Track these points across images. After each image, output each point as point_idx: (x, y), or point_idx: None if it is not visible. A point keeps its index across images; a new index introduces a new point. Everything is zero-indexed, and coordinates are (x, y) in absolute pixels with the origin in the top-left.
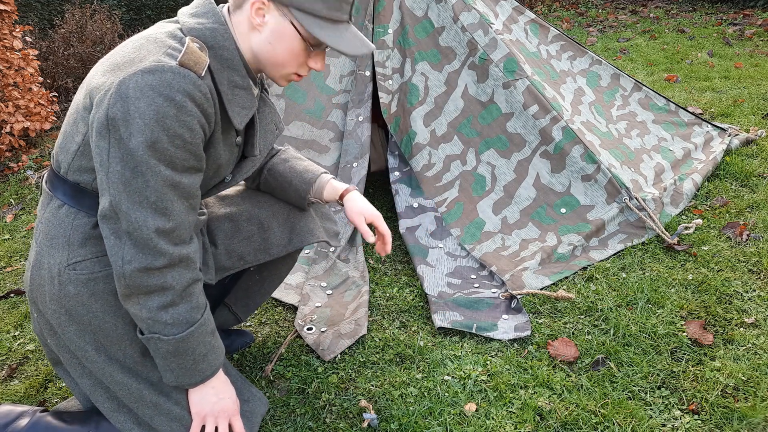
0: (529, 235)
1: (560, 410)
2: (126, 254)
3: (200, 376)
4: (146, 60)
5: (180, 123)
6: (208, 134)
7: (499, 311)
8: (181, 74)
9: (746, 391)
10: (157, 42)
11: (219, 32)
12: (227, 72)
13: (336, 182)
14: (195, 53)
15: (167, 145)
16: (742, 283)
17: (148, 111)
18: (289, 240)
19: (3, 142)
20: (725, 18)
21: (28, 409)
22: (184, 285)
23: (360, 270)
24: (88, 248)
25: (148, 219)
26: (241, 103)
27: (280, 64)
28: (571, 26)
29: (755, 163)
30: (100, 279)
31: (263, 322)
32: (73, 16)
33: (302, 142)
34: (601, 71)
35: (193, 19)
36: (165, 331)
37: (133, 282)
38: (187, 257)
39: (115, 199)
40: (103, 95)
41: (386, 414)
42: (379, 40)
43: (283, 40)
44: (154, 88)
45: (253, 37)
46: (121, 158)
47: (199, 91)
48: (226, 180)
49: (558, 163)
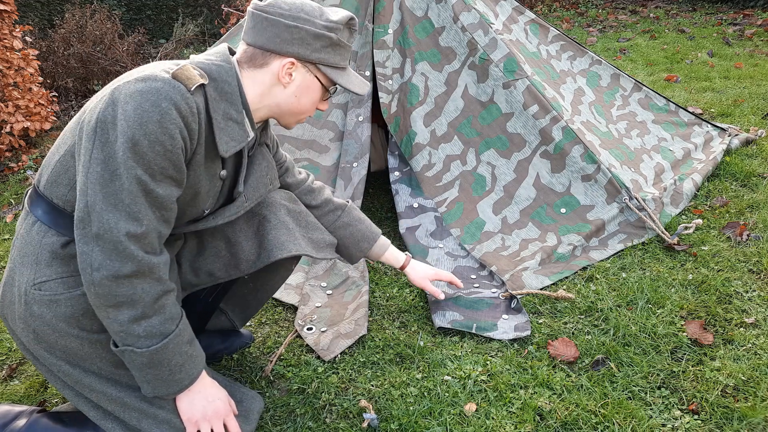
0: (529, 235)
1: (560, 410)
2: (94, 260)
3: (178, 386)
4: (143, 72)
5: (162, 129)
6: (190, 150)
7: (499, 311)
8: (171, 84)
9: (746, 391)
10: (159, 65)
11: (224, 69)
12: (224, 104)
13: (394, 251)
14: (189, 71)
15: (147, 150)
16: (742, 283)
17: (133, 114)
18: (257, 256)
19: (3, 142)
20: (725, 18)
21: (26, 408)
22: (153, 297)
23: (360, 270)
24: (54, 268)
25: (120, 222)
26: (231, 135)
27: (300, 112)
28: (571, 26)
29: (755, 163)
30: (62, 302)
31: (263, 322)
32: (73, 16)
33: (302, 142)
34: (601, 71)
35: (203, 56)
36: (138, 344)
37: (102, 291)
38: (156, 267)
39: (91, 199)
40: (98, 102)
41: (386, 414)
42: (379, 40)
43: (309, 93)
44: (143, 93)
45: (275, 91)
46: (103, 160)
47: (186, 104)
48: (204, 213)
49: (558, 163)
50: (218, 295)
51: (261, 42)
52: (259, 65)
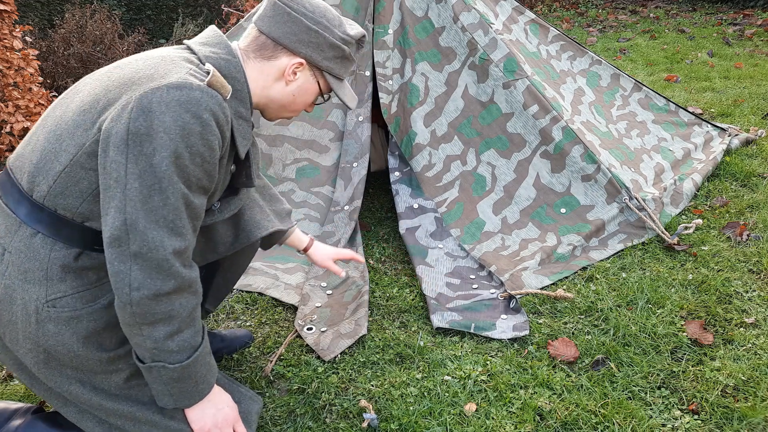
0: (529, 235)
1: (560, 410)
2: (133, 280)
3: (199, 396)
4: (169, 76)
5: (203, 141)
6: (220, 157)
7: (498, 311)
8: (210, 94)
9: (746, 391)
10: (175, 62)
11: (233, 64)
12: (236, 102)
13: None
14: (221, 78)
15: (188, 162)
16: (742, 283)
17: (174, 126)
18: (235, 237)
19: (3, 142)
20: (725, 18)
21: (22, 406)
22: (189, 311)
23: (360, 270)
24: (69, 283)
25: (164, 239)
26: (243, 134)
27: (291, 110)
28: (571, 26)
29: (755, 163)
30: (84, 317)
31: (263, 322)
32: (73, 16)
33: (302, 142)
34: (601, 71)
35: (206, 48)
36: (171, 359)
37: (140, 310)
38: (195, 281)
39: (132, 216)
40: (121, 109)
41: (386, 414)
42: (379, 41)
43: (306, 95)
44: (182, 103)
45: (276, 86)
46: (140, 174)
47: (223, 113)
48: (214, 208)
49: (558, 163)
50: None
51: (277, 34)
52: (267, 57)
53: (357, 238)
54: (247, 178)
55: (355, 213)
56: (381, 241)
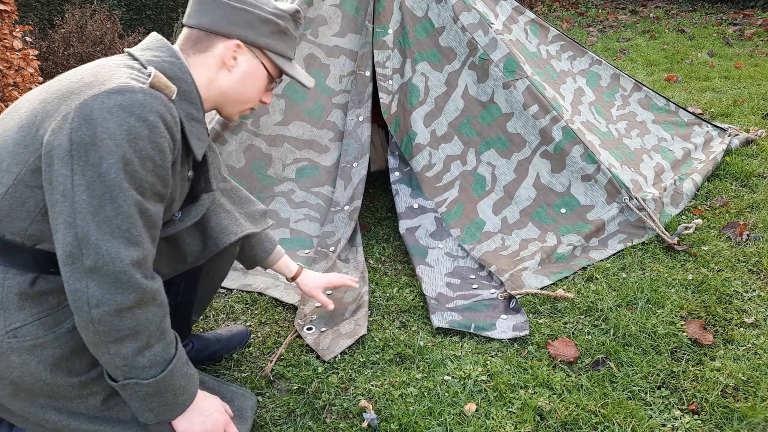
0: (529, 235)
1: (560, 410)
2: (92, 297)
3: (181, 408)
4: (109, 82)
5: (152, 144)
6: (172, 161)
7: (498, 311)
8: (153, 95)
9: (746, 391)
10: (114, 69)
11: (177, 66)
12: (185, 104)
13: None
14: (163, 79)
15: (138, 168)
16: (742, 283)
17: (119, 131)
18: (203, 246)
19: None
20: (725, 18)
21: None
22: (157, 324)
23: (360, 270)
24: (28, 310)
25: (120, 250)
26: (198, 136)
27: (245, 101)
28: (571, 26)
29: (755, 163)
30: (48, 344)
31: (263, 322)
32: (73, 16)
33: (302, 142)
34: (601, 71)
35: (148, 53)
36: (143, 375)
37: (103, 327)
38: (157, 292)
39: (83, 230)
40: (62, 120)
41: (386, 414)
42: (379, 41)
43: (254, 79)
44: (125, 107)
45: (221, 77)
46: (88, 185)
47: (171, 114)
48: (174, 218)
49: (558, 163)
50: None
51: (206, 23)
52: (203, 49)
53: (357, 238)
54: (206, 183)
55: (355, 213)
56: (381, 241)
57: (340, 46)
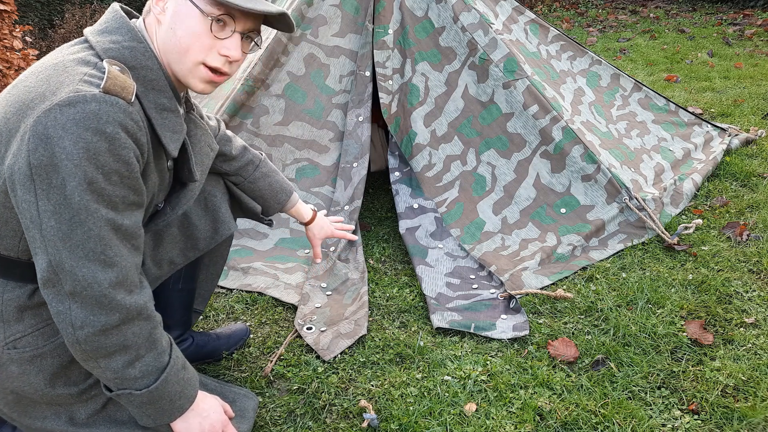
0: (529, 235)
1: (560, 410)
2: (75, 319)
3: (179, 412)
4: (60, 92)
5: (115, 157)
6: (143, 165)
7: (498, 311)
8: (108, 102)
9: (746, 391)
10: (68, 70)
11: (139, 51)
12: (153, 94)
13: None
14: (119, 77)
15: (104, 185)
16: (742, 283)
17: (75, 150)
18: (214, 230)
19: None
20: (725, 18)
21: None
22: (145, 337)
23: (360, 271)
24: (26, 321)
25: (97, 274)
26: (172, 127)
27: (184, 50)
28: (571, 26)
29: (755, 163)
30: (47, 354)
31: (263, 322)
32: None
33: (302, 142)
34: (601, 71)
35: (104, 38)
36: (136, 386)
37: (90, 347)
38: (143, 307)
39: (55, 258)
40: (20, 142)
41: (386, 414)
42: (379, 41)
43: (182, 21)
44: (78, 122)
45: (159, 33)
46: (55, 210)
47: (131, 119)
48: (159, 207)
49: (558, 163)
50: (187, 277)
51: None
52: (147, 9)
53: (357, 238)
54: (189, 173)
55: (355, 213)
56: (381, 241)
57: (340, 46)
